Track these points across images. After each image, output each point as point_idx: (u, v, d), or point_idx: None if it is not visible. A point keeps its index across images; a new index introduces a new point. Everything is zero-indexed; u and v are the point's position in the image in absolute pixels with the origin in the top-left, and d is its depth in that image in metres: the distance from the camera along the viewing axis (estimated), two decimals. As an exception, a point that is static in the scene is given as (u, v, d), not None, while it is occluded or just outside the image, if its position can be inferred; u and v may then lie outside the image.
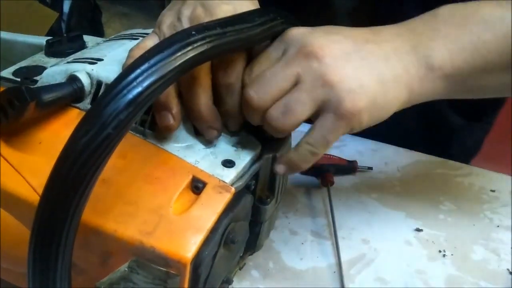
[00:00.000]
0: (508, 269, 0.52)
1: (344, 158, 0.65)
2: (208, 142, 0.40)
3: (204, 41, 0.32)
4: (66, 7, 1.88)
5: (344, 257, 0.52)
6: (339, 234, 0.55)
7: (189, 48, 0.31)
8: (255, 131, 0.42)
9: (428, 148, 0.69)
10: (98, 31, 2.07)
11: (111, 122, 0.28)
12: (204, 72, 0.38)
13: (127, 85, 0.28)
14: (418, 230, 0.57)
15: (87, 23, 1.99)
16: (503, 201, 0.61)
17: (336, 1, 0.65)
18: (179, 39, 0.31)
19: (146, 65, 0.29)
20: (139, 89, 0.28)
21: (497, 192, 0.62)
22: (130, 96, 0.28)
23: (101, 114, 0.28)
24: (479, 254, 0.54)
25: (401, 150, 0.68)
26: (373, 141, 0.71)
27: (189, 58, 0.31)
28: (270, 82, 0.36)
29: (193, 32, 0.32)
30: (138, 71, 0.29)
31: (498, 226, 0.58)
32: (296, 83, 0.36)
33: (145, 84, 0.29)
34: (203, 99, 0.38)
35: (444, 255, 0.53)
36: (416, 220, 0.58)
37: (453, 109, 0.73)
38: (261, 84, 0.37)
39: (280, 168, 0.40)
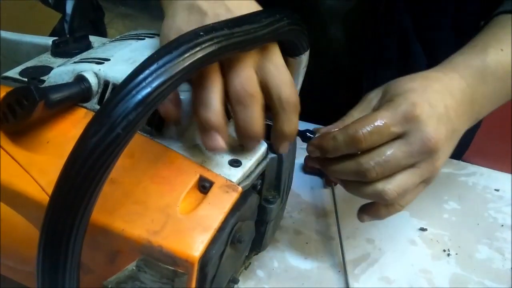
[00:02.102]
0: (512, 268, 0.52)
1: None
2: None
3: (212, 42, 0.32)
4: (69, 7, 1.88)
5: (348, 257, 0.52)
6: (343, 233, 0.55)
7: (198, 48, 0.31)
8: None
9: None
10: (100, 32, 2.07)
11: (120, 123, 0.28)
12: (256, 89, 0.37)
13: (136, 86, 0.28)
14: (422, 229, 0.57)
15: (90, 23, 1.99)
16: (507, 200, 0.61)
17: (325, 6, 0.65)
18: (187, 40, 0.31)
19: (154, 66, 0.29)
20: (148, 89, 0.28)
21: (501, 191, 0.62)
22: (139, 96, 0.28)
23: (110, 115, 0.28)
24: (484, 253, 0.54)
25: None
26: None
27: (197, 59, 0.31)
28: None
29: (201, 33, 0.32)
30: (147, 71, 0.29)
31: (502, 225, 0.58)
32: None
33: (154, 84, 0.29)
34: (259, 118, 0.37)
35: (448, 255, 0.54)
36: (420, 220, 0.58)
37: None
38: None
39: (365, 219, 0.46)
